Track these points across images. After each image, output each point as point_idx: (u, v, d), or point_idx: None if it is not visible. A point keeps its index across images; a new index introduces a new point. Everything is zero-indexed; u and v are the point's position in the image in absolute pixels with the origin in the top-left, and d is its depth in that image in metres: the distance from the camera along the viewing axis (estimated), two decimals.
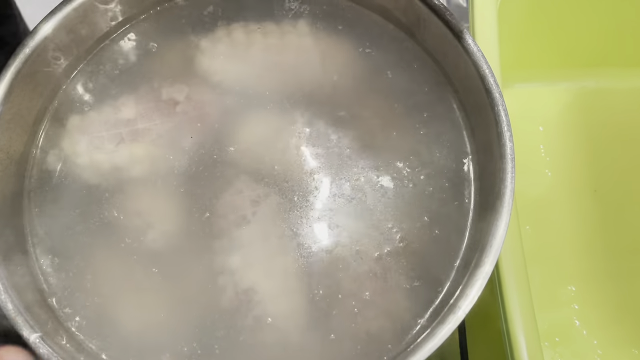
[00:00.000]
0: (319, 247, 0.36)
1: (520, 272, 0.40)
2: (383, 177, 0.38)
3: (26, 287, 0.34)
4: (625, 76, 0.65)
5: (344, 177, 0.38)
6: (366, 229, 0.37)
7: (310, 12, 0.42)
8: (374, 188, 0.38)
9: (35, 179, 0.38)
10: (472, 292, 0.31)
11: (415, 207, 0.37)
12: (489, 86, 0.35)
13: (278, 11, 0.42)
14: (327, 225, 0.37)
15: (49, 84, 0.39)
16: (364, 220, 0.37)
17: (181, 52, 0.41)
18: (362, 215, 0.37)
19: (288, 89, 0.40)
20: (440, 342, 0.30)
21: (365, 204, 0.37)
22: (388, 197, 0.37)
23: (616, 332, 0.55)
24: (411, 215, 0.37)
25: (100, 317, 0.35)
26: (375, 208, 0.37)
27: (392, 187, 0.38)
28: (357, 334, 0.34)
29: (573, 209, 0.59)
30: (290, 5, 0.42)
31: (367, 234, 0.36)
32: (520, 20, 0.58)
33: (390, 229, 0.37)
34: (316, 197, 0.37)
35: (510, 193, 0.33)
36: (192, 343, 0.34)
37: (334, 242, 0.36)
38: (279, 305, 0.35)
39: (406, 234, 0.36)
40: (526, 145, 0.62)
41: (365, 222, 0.37)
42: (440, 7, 0.37)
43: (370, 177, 0.38)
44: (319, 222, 0.37)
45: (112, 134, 0.38)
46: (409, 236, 0.36)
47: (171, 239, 0.37)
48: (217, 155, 0.38)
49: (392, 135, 0.39)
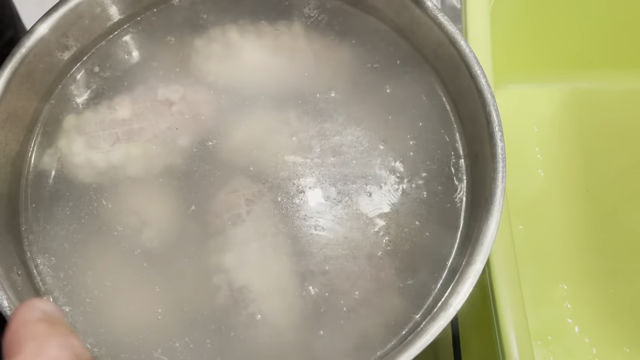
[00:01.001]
0: (313, 246, 0.36)
1: (512, 270, 0.40)
2: (377, 178, 0.38)
3: (22, 285, 0.35)
4: (618, 77, 0.65)
5: (338, 179, 0.38)
6: (360, 230, 0.37)
7: (304, 14, 0.42)
8: (367, 190, 0.38)
9: (31, 178, 0.39)
10: (463, 289, 0.32)
11: (409, 206, 0.37)
12: (481, 87, 0.36)
13: (273, 11, 0.42)
14: (322, 225, 0.37)
15: (45, 84, 0.39)
16: (358, 221, 0.37)
17: (176, 52, 0.41)
18: (356, 216, 0.37)
19: (282, 90, 0.40)
20: (432, 339, 0.31)
21: (358, 206, 0.37)
22: (380, 197, 0.38)
23: (608, 330, 0.55)
24: (405, 214, 0.37)
25: (95, 315, 0.35)
26: (369, 209, 0.37)
27: (385, 187, 0.38)
28: (350, 330, 0.35)
29: (566, 209, 0.60)
30: (284, 2, 0.42)
31: (360, 234, 0.37)
32: (513, 22, 0.59)
33: (383, 228, 0.37)
34: (310, 197, 0.38)
35: (501, 192, 0.33)
36: (184, 338, 0.35)
37: (328, 241, 0.37)
38: (272, 302, 0.35)
39: (399, 232, 0.37)
40: (519, 146, 0.62)
41: (359, 223, 0.37)
42: (433, 9, 0.38)
43: (364, 180, 0.38)
44: (313, 222, 0.37)
45: (108, 134, 0.39)
46: (401, 235, 0.37)
47: (166, 238, 0.37)
48: (212, 154, 0.39)
49: (384, 136, 0.39)
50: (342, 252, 0.36)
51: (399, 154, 0.39)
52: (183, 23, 0.42)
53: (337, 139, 0.39)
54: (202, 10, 0.43)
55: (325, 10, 0.42)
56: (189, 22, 0.42)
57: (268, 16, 0.42)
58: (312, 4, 0.42)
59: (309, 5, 0.42)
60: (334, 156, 0.39)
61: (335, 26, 0.42)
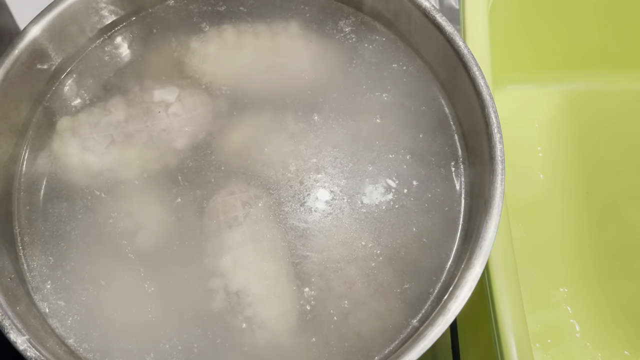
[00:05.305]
0: (310, 249, 0.36)
1: (511, 273, 0.40)
2: (375, 181, 0.38)
3: (15, 290, 0.34)
4: (616, 78, 0.65)
5: (336, 182, 0.38)
6: (357, 233, 0.37)
7: (300, 15, 0.42)
8: (365, 193, 0.38)
9: (24, 181, 0.38)
10: (462, 293, 0.31)
11: (407, 209, 0.37)
12: (479, 88, 0.35)
13: (269, 12, 0.42)
14: (319, 228, 0.37)
15: (38, 86, 0.39)
16: (356, 225, 0.37)
17: (172, 54, 0.41)
18: (353, 220, 0.37)
19: (279, 91, 0.40)
20: (431, 343, 0.30)
21: (356, 209, 0.37)
22: (378, 199, 0.37)
23: (608, 333, 0.55)
24: (403, 216, 0.37)
25: (89, 320, 0.35)
26: (366, 213, 0.37)
27: (383, 190, 0.38)
28: (348, 334, 0.34)
29: (565, 211, 0.60)
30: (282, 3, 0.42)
31: (358, 237, 0.36)
32: (512, 23, 0.59)
33: (380, 232, 0.37)
34: (308, 200, 0.37)
35: (500, 195, 0.33)
36: (177, 342, 0.34)
37: (325, 245, 0.36)
38: (269, 307, 0.35)
39: (397, 235, 0.36)
40: (518, 148, 0.62)
41: (357, 226, 0.37)
42: (431, 9, 0.38)
43: (362, 182, 0.38)
44: (310, 225, 0.37)
45: (102, 136, 0.38)
46: (399, 238, 0.36)
47: (162, 240, 0.36)
48: (208, 156, 0.38)
49: (382, 137, 0.39)
50: (340, 256, 0.36)
51: (397, 156, 0.38)
52: (179, 24, 0.42)
53: (335, 141, 0.39)
54: (197, 11, 0.42)
55: (322, 11, 0.42)
56: (184, 22, 0.42)
57: (264, 16, 0.42)
58: (309, 4, 0.42)
59: (306, 6, 0.42)
60: (331, 158, 0.38)
61: (332, 27, 0.42)
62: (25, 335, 0.31)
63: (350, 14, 0.42)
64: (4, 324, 0.31)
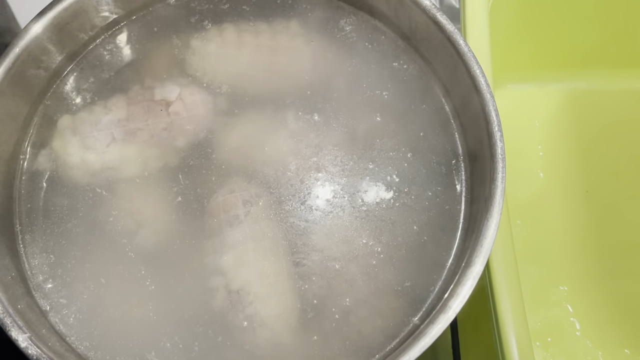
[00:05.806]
0: (311, 248, 0.36)
1: (511, 271, 0.40)
2: (376, 179, 0.38)
3: (16, 288, 0.34)
4: (616, 77, 0.65)
5: (337, 180, 0.38)
6: (358, 232, 0.37)
7: (301, 13, 0.42)
8: (366, 191, 0.38)
9: (25, 179, 0.38)
10: (463, 291, 0.31)
11: (408, 207, 0.37)
12: (480, 86, 0.35)
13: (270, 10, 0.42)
14: (320, 227, 0.37)
15: (39, 84, 0.39)
16: (356, 223, 0.37)
17: (173, 52, 0.41)
18: (354, 218, 0.37)
19: (280, 90, 0.40)
20: (431, 341, 0.30)
21: (357, 207, 0.37)
22: (379, 198, 0.37)
23: (608, 331, 0.55)
24: (403, 214, 0.37)
25: (90, 318, 0.35)
26: (367, 211, 0.37)
27: (384, 188, 0.38)
28: (349, 332, 0.34)
29: (565, 210, 0.60)
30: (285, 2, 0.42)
31: (359, 236, 0.36)
32: (512, 21, 0.59)
33: (381, 230, 0.37)
34: (309, 199, 0.37)
35: (501, 193, 0.33)
36: (178, 340, 0.34)
37: (326, 243, 0.36)
38: (270, 305, 0.35)
39: (397, 234, 0.36)
40: (518, 147, 0.62)
41: (358, 225, 0.37)
42: (432, 8, 0.38)
43: (363, 181, 0.38)
44: (311, 223, 0.37)
45: (103, 134, 0.38)
46: (400, 236, 0.36)
47: (163, 239, 0.37)
48: (209, 155, 0.38)
49: (382, 136, 0.39)
50: (340, 255, 0.36)
51: (398, 155, 0.38)
52: (179, 22, 0.42)
53: (335, 139, 0.39)
54: (198, 9, 0.42)
55: (323, 9, 0.42)
56: (185, 21, 0.42)
57: (265, 15, 0.42)
58: (310, 3, 0.42)
59: (308, 5, 0.42)
60: (332, 156, 0.38)
61: (333, 26, 0.42)
62: (26, 333, 0.31)
63: (351, 13, 0.42)
64: (6, 322, 0.31)
